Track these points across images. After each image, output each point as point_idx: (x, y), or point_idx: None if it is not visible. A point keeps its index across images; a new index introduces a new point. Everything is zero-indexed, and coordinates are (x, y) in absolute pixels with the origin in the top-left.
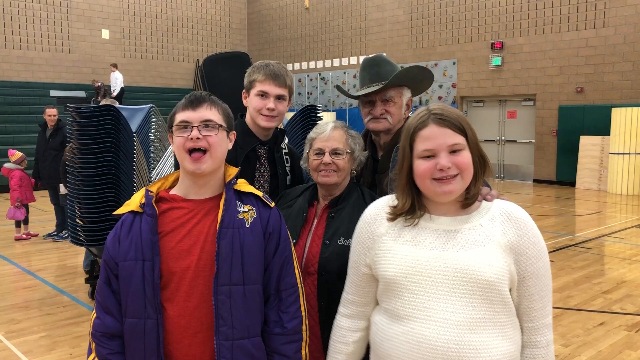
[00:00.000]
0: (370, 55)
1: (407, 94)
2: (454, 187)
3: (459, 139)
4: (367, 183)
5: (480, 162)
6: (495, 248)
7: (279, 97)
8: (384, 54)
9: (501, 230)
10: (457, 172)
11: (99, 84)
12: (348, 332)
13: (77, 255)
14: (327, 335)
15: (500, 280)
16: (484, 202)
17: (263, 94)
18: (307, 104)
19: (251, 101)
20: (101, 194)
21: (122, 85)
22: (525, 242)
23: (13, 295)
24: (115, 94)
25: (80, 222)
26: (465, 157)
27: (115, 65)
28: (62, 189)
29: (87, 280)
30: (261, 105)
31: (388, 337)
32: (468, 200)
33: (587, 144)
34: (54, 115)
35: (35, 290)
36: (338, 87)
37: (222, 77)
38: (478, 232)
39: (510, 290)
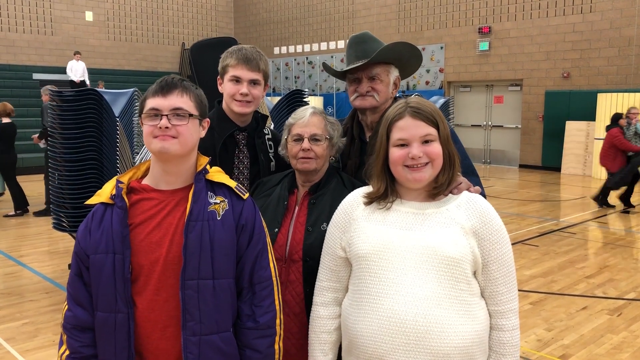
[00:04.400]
0: (357, 33)
1: (394, 72)
2: (424, 175)
3: (431, 131)
4: (354, 165)
5: (449, 155)
6: (459, 230)
7: (253, 82)
8: (369, 32)
9: (466, 216)
10: (427, 160)
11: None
12: (328, 321)
13: (62, 241)
14: None
15: (463, 259)
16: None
17: (236, 79)
18: (294, 88)
19: (225, 87)
20: (84, 179)
21: (84, 77)
22: (488, 229)
23: None
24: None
25: (63, 207)
26: (436, 147)
27: (77, 53)
28: None
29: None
30: (234, 91)
31: (359, 318)
32: (436, 190)
33: (573, 129)
34: None
35: (18, 276)
36: (325, 65)
37: (210, 63)
38: (444, 215)
39: (475, 273)
